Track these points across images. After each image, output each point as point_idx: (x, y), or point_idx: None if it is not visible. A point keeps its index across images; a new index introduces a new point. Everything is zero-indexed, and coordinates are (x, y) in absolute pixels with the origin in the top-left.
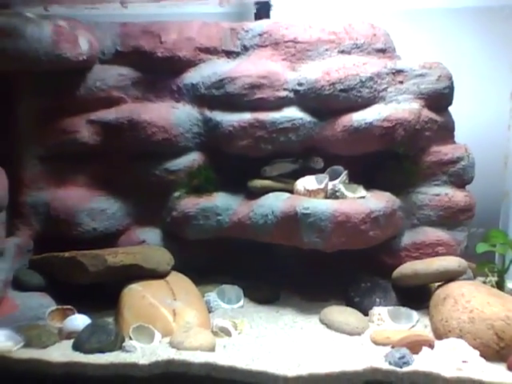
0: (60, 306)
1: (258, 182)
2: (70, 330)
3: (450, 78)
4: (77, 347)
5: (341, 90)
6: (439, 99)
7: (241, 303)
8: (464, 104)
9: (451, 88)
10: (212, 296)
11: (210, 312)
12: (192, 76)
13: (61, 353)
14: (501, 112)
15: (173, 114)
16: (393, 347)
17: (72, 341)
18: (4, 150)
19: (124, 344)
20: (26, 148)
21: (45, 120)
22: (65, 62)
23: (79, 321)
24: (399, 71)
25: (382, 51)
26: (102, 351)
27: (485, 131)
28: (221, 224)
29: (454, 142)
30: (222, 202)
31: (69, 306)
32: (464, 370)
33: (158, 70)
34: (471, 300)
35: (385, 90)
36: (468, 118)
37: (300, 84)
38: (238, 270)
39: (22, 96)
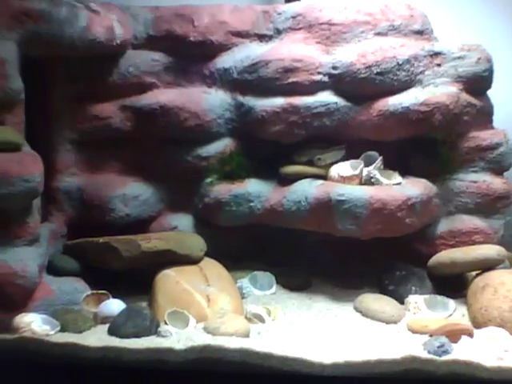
0: (95, 291)
1: (291, 168)
2: (106, 315)
3: (490, 61)
4: (112, 332)
5: (377, 74)
6: (478, 83)
7: (273, 290)
8: (503, 88)
9: (491, 71)
10: (244, 282)
11: (242, 298)
12: (224, 60)
13: (97, 337)
14: None
15: (205, 100)
16: (431, 336)
17: (107, 325)
18: (38, 136)
19: (159, 329)
20: (60, 134)
21: (78, 106)
22: (99, 47)
23: (114, 306)
24: (437, 53)
25: (420, 33)
26: (137, 336)
27: None
28: (253, 210)
29: (492, 128)
30: (254, 189)
31: (103, 291)
32: (505, 359)
33: (190, 54)
34: None
35: (422, 73)
36: (507, 102)
37: (335, 67)
38: (270, 257)
39: (55, 81)
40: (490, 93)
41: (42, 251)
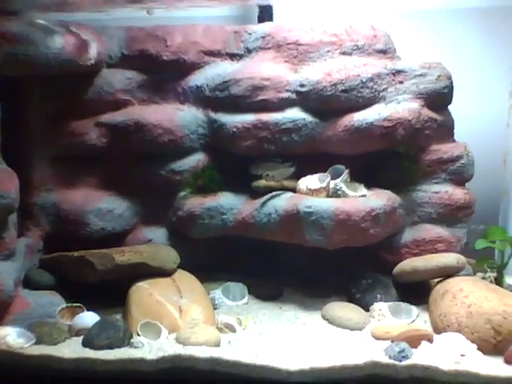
0: (69, 304)
1: (262, 182)
2: (80, 327)
3: (450, 78)
4: (86, 344)
5: (342, 91)
6: (439, 98)
7: (245, 300)
8: (464, 103)
9: (450, 87)
10: (217, 293)
11: (215, 309)
12: (197, 78)
13: (71, 349)
14: (500, 110)
15: (178, 116)
16: (392, 342)
17: (81, 337)
18: (14, 152)
19: (132, 340)
20: (36, 150)
21: (54, 123)
22: (74, 67)
23: (88, 318)
24: (399, 71)
25: (383, 52)
26: (110, 347)
27: (484, 129)
28: (225, 223)
29: (453, 141)
30: (227, 202)
31: (78, 304)
32: (462, 363)
33: (163, 72)
34: (469, 295)
35: (385, 90)
36: (468, 116)
37: (302, 85)
38: (242, 268)
39: (31, 99)
40: (452, 107)
41: (18, 265)
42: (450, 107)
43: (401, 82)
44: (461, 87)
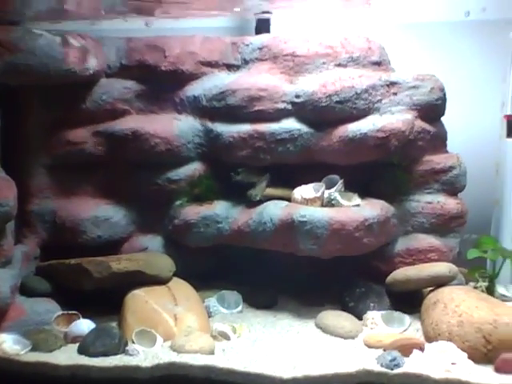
0: (65, 312)
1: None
2: (76, 335)
3: (443, 90)
4: (82, 351)
5: (337, 102)
6: (432, 110)
7: (240, 308)
8: (457, 114)
9: (443, 99)
10: (212, 301)
11: (209, 317)
12: (194, 89)
13: (67, 356)
14: (492, 122)
15: (175, 126)
16: (384, 350)
17: (77, 345)
18: (12, 160)
19: (127, 348)
20: (34, 158)
21: (52, 131)
22: (73, 77)
23: (84, 325)
24: (393, 83)
25: (377, 64)
26: (106, 354)
27: (477, 141)
28: (221, 231)
29: (446, 152)
30: (222, 210)
31: (74, 312)
32: (452, 371)
33: (161, 82)
34: (460, 304)
35: (379, 101)
36: (461, 127)
37: (298, 96)
38: (237, 276)
39: (30, 108)
40: (446, 119)
41: (15, 272)
42: (443, 118)
43: (395, 94)
44: (454, 99)
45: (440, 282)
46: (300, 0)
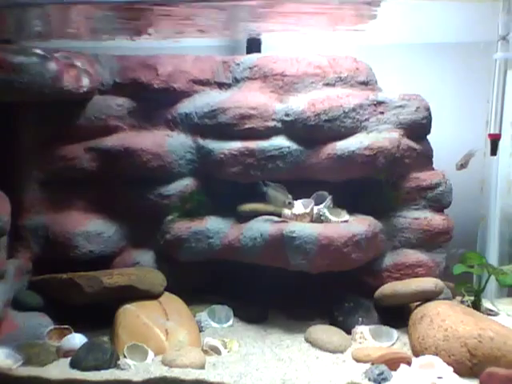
0: (58, 326)
1: (248, 206)
2: (68, 349)
3: (428, 109)
4: (74, 365)
5: (325, 121)
6: (418, 129)
7: (230, 323)
8: (443, 133)
9: (429, 118)
10: (203, 316)
11: (200, 331)
12: (186, 106)
13: (59, 370)
14: (477, 140)
15: (167, 142)
16: (372, 364)
17: (69, 359)
18: (5, 176)
19: (119, 362)
20: (27, 174)
21: (45, 147)
22: (67, 95)
23: (76, 340)
24: (380, 102)
25: (365, 84)
26: (97, 369)
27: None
28: (212, 246)
29: (432, 169)
30: (214, 226)
31: (66, 326)
32: None
33: (153, 100)
34: (446, 319)
35: (366, 120)
36: (446, 145)
37: (287, 115)
38: (228, 291)
39: (24, 124)
40: (433, 137)
41: (8, 287)
42: (429, 137)
43: (382, 113)
44: (440, 118)
45: (427, 297)
46: (291, 23)
